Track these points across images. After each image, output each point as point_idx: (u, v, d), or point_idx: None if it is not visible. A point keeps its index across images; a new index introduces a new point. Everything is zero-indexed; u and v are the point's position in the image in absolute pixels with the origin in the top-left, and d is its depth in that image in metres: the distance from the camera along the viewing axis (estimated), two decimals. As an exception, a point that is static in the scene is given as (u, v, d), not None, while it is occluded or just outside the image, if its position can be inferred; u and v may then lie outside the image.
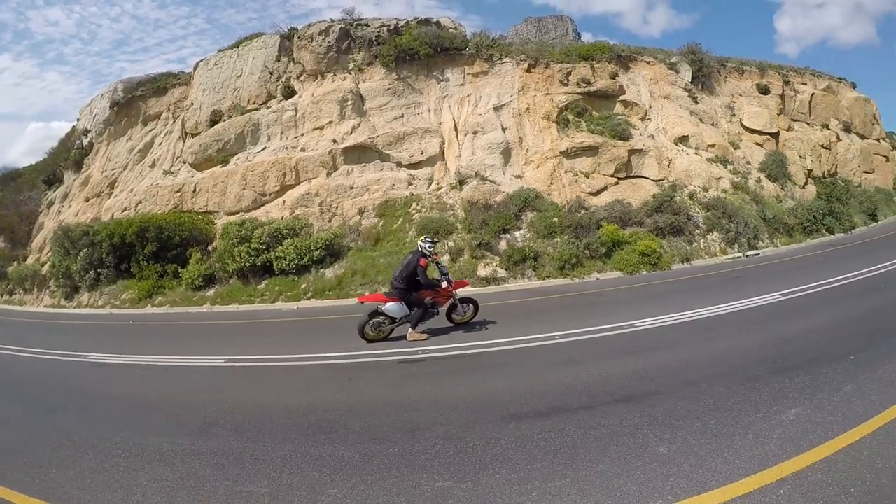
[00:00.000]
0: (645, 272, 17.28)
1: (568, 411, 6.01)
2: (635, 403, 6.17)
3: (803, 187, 27.72)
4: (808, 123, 31.93)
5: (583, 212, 19.28)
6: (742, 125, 27.62)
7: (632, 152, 21.66)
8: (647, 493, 4.34)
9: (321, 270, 17.14)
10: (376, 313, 9.70)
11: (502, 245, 17.68)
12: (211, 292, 17.65)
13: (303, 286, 16.67)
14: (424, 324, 10.01)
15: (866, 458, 4.89)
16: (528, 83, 22.33)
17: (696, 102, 26.38)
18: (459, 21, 27.65)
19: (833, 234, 24.47)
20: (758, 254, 20.09)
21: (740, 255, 19.71)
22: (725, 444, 5.12)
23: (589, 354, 8.39)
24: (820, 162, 30.42)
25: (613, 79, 23.66)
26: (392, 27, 22.64)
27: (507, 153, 20.85)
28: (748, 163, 25.98)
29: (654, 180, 21.81)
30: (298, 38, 22.81)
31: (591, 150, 21.18)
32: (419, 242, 10.07)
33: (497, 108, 21.49)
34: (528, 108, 21.78)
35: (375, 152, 20.25)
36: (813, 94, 33.12)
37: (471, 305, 10.86)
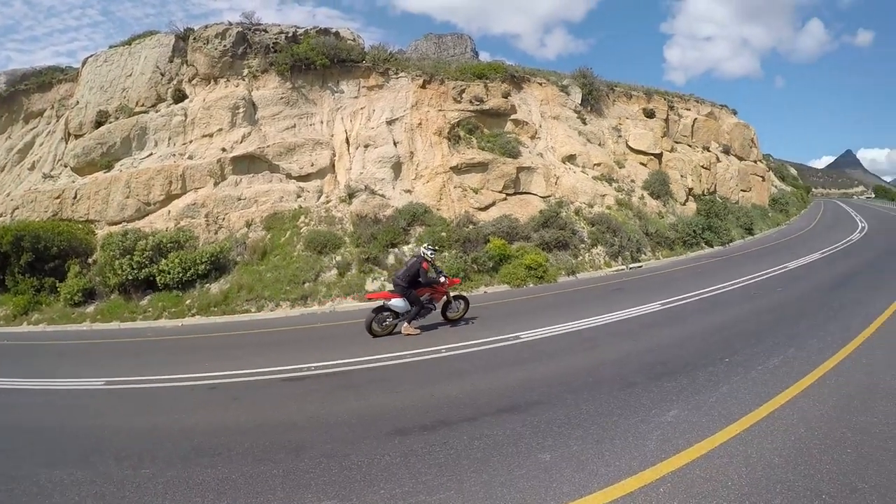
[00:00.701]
0: (532, 285, 18.07)
1: (452, 424, 6.20)
2: (519, 413, 6.45)
3: (684, 204, 30.34)
4: (691, 146, 34.85)
5: (471, 227, 20.04)
6: (628, 146, 29.97)
7: (520, 169, 22.88)
8: (530, 500, 4.55)
9: (206, 285, 16.83)
10: (381, 309, 11.14)
11: (391, 259, 17.97)
12: (91, 308, 16.90)
13: (187, 302, 16.34)
14: (419, 321, 11.53)
15: (741, 453, 5.35)
16: (422, 99, 23.03)
17: (585, 123, 28.35)
18: (360, 33, 27.95)
19: (712, 247, 26.78)
20: (640, 266, 21.59)
21: (624, 267, 21.13)
22: (606, 448, 5.44)
23: (474, 367, 8.66)
24: (700, 181, 33.28)
25: (506, 98, 24.91)
26: (290, 35, 22.50)
27: (397, 167, 21.42)
28: (632, 181, 28.12)
29: (541, 197, 23.17)
30: (194, 39, 22.05)
31: (481, 167, 22.15)
32: (422, 249, 11.75)
33: (390, 123, 22.02)
34: (420, 124, 22.46)
35: (265, 163, 20.17)
36: (696, 119, 36.24)
37: (462, 302, 12.34)
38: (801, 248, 25.24)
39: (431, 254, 11.70)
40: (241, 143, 20.21)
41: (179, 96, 22.14)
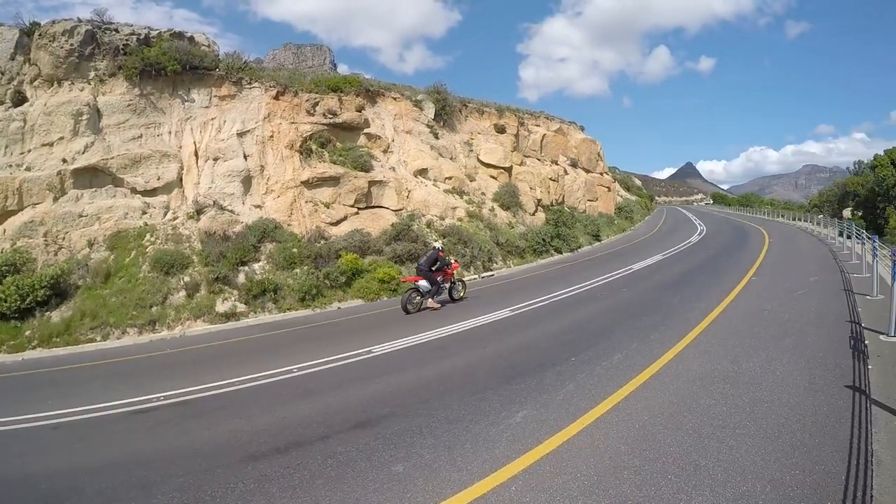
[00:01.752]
0: (385, 298, 18.79)
1: (306, 444, 6.35)
2: (371, 427, 6.70)
3: (533, 214, 33.52)
4: (540, 159, 38.26)
5: (323, 242, 20.59)
6: (479, 160, 32.55)
7: (372, 183, 24.07)
8: (384, 513, 4.85)
9: (47, 313, 15.72)
10: (413, 290, 15.47)
11: (241, 278, 17.95)
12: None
13: (27, 333, 15.15)
14: (436, 297, 15.77)
15: (589, 445, 5.77)
16: (275, 110, 23.15)
17: (437, 138, 30.39)
18: (217, 39, 27.00)
19: (561, 253, 29.77)
20: (492, 275, 23.52)
21: (476, 276, 22.85)
22: (458, 454, 5.72)
23: (327, 384, 8.95)
24: (549, 192, 36.76)
25: (360, 112, 25.94)
26: (142, 36, 21.28)
27: (247, 182, 21.46)
28: (483, 194, 30.65)
29: (393, 210, 24.55)
30: (39, 35, 20.03)
31: (333, 181, 22.95)
32: (435, 244, 17.37)
33: (241, 135, 21.85)
34: (272, 136, 22.57)
35: (109, 176, 19.14)
36: (545, 135, 39.84)
37: (460, 284, 17.28)
38: (645, 251, 28.15)
39: (441, 246, 17.00)
40: (83, 153, 18.92)
41: (19, 99, 19.89)
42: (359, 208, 23.55)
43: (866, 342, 9.01)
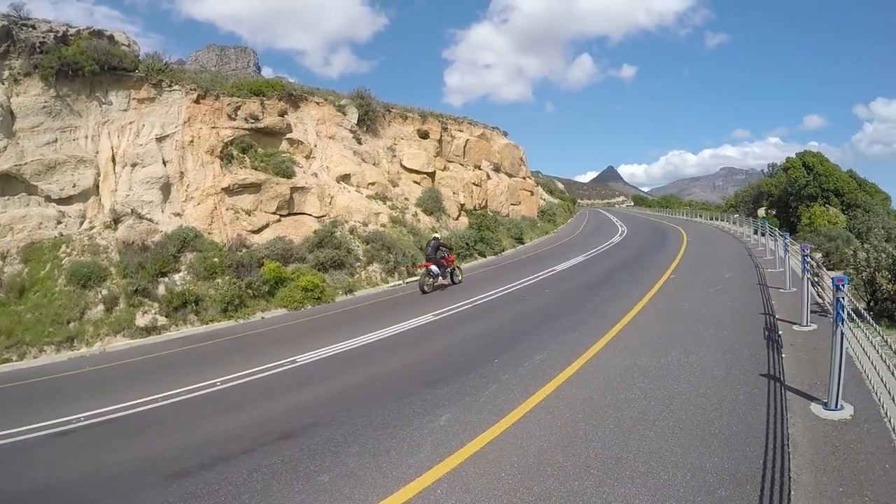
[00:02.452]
0: (310, 307, 19.05)
1: (231, 459, 6.36)
2: (296, 439, 6.76)
3: (457, 219, 34.87)
4: (463, 164, 39.59)
5: (244, 250, 20.62)
6: (402, 165, 33.55)
7: (295, 190, 24.37)
8: (310, 524, 4.95)
9: None
10: (427, 273, 19.60)
11: (161, 290, 17.74)
12: None
13: None
14: (444, 278, 20.26)
15: (512, 444, 5.94)
16: (196, 114, 22.88)
17: (360, 143, 31.10)
18: (138, 38, 25.67)
19: (485, 257, 31.06)
20: (417, 280, 24.06)
21: (401, 282, 23.53)
22: (383, 461, 5.84)
23: (251, 396, 8.99)
24: (472, 197, 38.10)
25: (282, 116, 26.13)
26: (61, 34, 20.32)
27: (166, 189, 21.04)
28: (406, 199, 31.69)
29: (316, 217, 24.84)
30: None
31: (254, 188, 22.97)
32: (435, 235, 21.61)
33: (160, 139, 21.57)
34: (192, 141, 22.48)
35: (22, 183, 18.26)
36: (468, 140, 41.23)
37: (458, 269, 21.47)
38: (568, 252, 29.38)
39: (439, 236, 21.77)
40: (-5, 159, 18.05)
41: (-73, 100, 18.52)
42: (281, 215, 23.70)
43: (780, 333, 9.58)
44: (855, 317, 6.16)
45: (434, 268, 19.56)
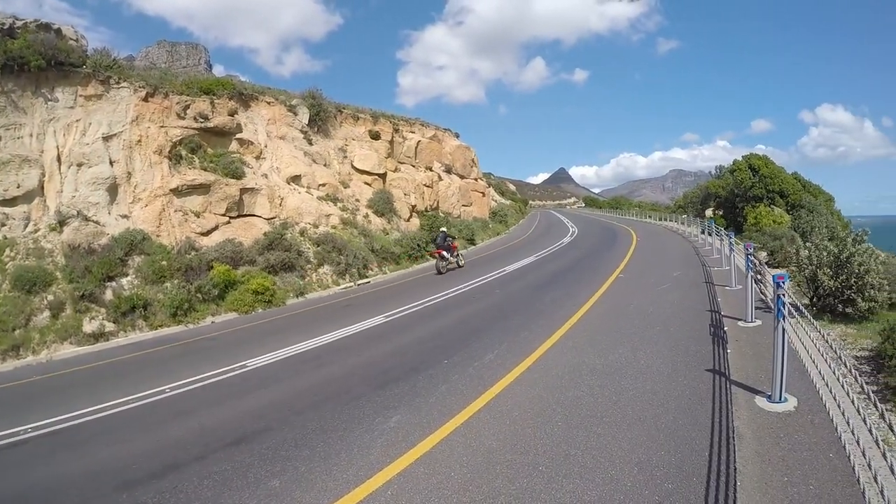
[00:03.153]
0: (260, 310, 19.06)
1: (182, 466, 6.42)
2: (247, 444, 6.83)
3: (408, 220, 35.32)
4: (414, 166, 40.20)
5: (193, 253, 20.37)
6: (353, 166, 33.90)
7: (244, 191, 24.36)
8: (261, 530, 5.06)
9: None
10: (441, 257, 24.43)
11: (109, 295, 17.35)
12: None
13: None
14: (453, 258, 25.12)
15: (462, 444, 6.11)
16: (144, 113, 22.54)
17: (311, 144, 31.36)
18: (87, 32, 25.37)
19: (437, 258, 31.28)
20: (368, 282, 24.54)
21: (352, 284, 23.81)
22: (333, 464, 5.95)
23: (201, 402, 9.03)
24: (423, 198, 38.65)
25: (232, 116, 26.01)
26: (7, 27, 19.70)
27: (113, 190, 20.58)
28: (357, 200, 31.95)
29: (266, 219, 24.89)
30: None
31: (203, 189, 22.80)
32: (442, 229, 26.90)
33: (107, 139, 21.03)
34: (140, 141, 22.05)
35: None
36: (420, 141, 41.90)
37: (460, 255, 26.55)
38: (519, 253, 30.17)
39: (446, 229, 27.50)
40: (-63, 160, 17.47)
41: None
42: (230, 217, 23.69)
43: (725, 329, 10.01)
44: (795, 312, 6.52)
45: (445, 253, 24.58)
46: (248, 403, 8.61)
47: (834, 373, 5.78)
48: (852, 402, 4.46)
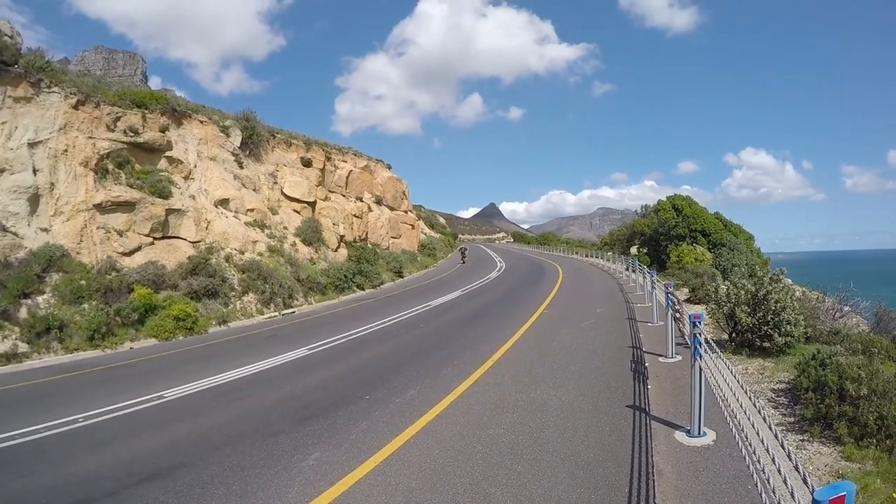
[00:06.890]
0: (181, 337, 19.11)
1: (93, 502, 6.27)
2: (162, 479, 6.71)
3: (336, 250, 36.26)
4: (345, 195, 41.46)
5: (114, 274, 20.19)
6: (283, 193, 34.72)
7: (170, 211, 24.37)
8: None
9: None
10: (462, 258, 50.74)
11: (23, 313, 16.92)
12: None
13: None
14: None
15: (381, 483, 6.11)
16: (73, 121, 22.18)
17: (242, 167, 31.85)
18: (23, 30, 23.83)
19: (364, 290, 32.60)
20: (293, 312, 25.07)
21: (277, 314, 24.34)
22: (250, 503, 5.89)
23: (116, 434, 8.79)
24: (352, 229, 39.80)
25: (163, 132, 25.96)
26: None
27: (35, 201, 19.92)
28: (285, 228, 32.66)
29: (191, 242, 25.06)
30: None
31: (128, 206, 22.56)
32: (462, 245, 63.61)
33: (33, 145, 20.49)
34: (66, 150, 21.62)
35: None
36: (351, 171, 43.33)
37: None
38: (446, 287, 31.03)
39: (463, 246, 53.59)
40: None
41: None
42: (154, 238, 23.58)
43: (647, 365, 10.41)
44: (713, 348, 6.97)
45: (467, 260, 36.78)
46: (165, 436, 8.54)
47: (755, 405, 6.31)
48: (773, 434, 4.60)
